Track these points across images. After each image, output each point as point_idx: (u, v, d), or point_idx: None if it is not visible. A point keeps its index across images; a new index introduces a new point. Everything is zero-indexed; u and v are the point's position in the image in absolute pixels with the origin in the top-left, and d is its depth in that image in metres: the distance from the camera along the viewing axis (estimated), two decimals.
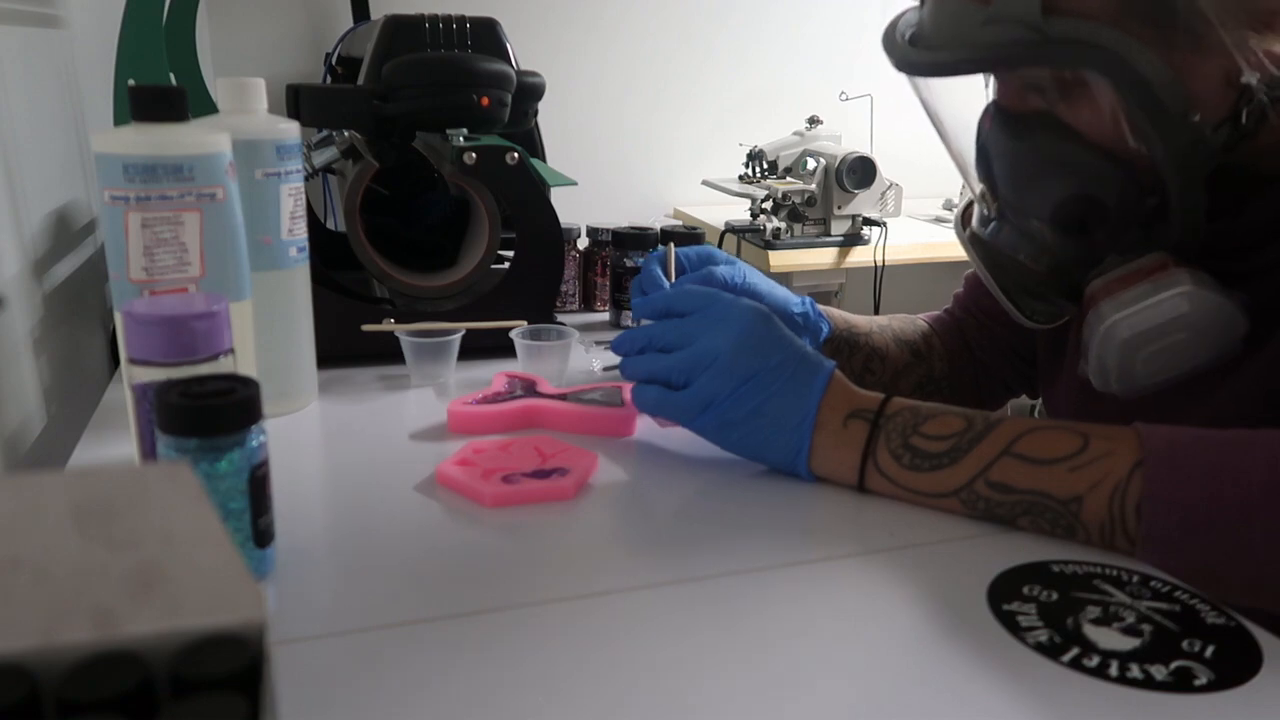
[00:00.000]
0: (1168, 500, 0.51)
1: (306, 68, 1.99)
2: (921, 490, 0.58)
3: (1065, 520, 0.54)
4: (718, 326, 0.63)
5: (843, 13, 2.29)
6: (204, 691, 0.27)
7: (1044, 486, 0.54)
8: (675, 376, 0.64)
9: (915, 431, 0.59)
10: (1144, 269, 0.60)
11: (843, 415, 0.60)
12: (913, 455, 0.58)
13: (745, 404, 0.61)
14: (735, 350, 0.61)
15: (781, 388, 0.61)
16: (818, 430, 0.61)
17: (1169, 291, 0.58)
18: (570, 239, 1.06)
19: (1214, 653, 0.45)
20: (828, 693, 0.42)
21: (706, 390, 0.62)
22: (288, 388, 0.76)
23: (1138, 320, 0.59)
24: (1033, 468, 0.55)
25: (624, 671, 0.44)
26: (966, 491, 0.57)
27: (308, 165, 0.93)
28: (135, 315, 0.51)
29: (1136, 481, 0.52)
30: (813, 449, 0.61)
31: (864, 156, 1.85)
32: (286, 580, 0.51)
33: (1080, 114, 0.59)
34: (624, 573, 0.52)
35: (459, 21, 0.92)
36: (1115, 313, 0.60)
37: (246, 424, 0.48)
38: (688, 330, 0.64)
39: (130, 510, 0.30)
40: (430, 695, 0.42)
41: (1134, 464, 0.52)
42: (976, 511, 0.57)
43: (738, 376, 0.61)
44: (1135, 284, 0.60)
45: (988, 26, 0.56)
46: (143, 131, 0.58)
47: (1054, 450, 0.55)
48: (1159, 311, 0.58)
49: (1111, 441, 0.54)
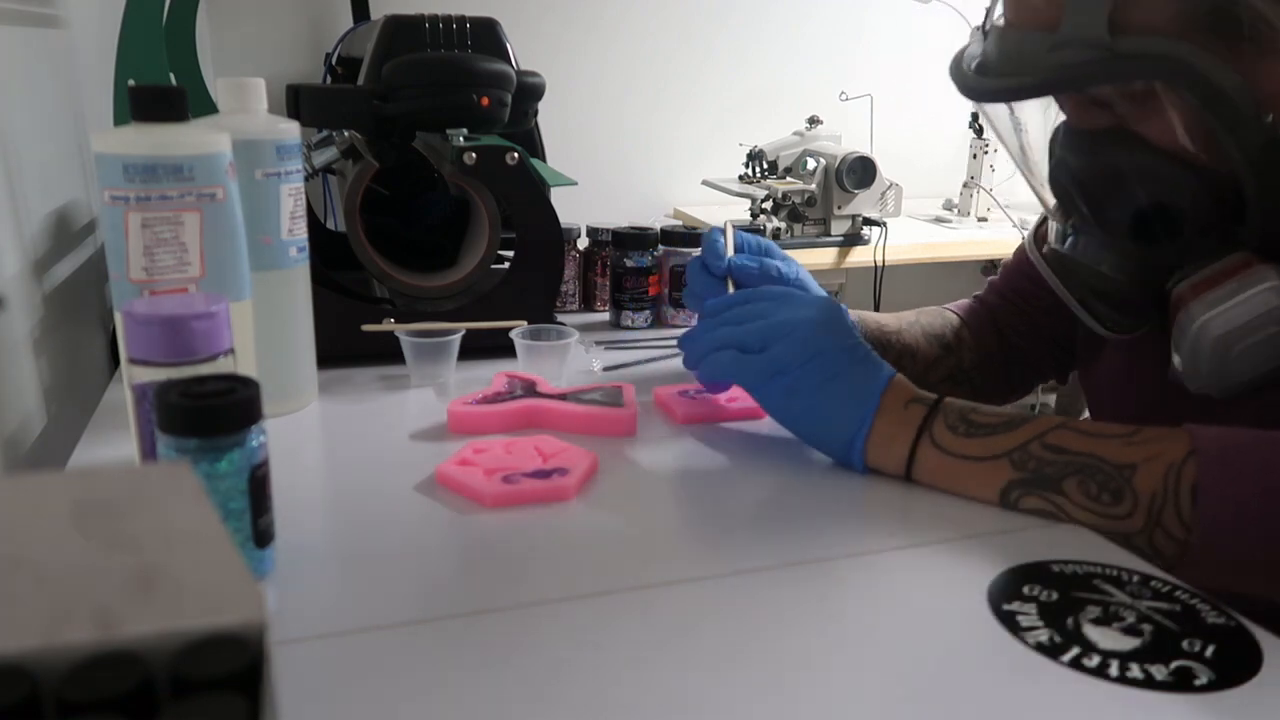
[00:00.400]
0: (1220, 495, 0.52)
1: (306, 68, 1.99)
2: (972, 455, 0.60)
3: (1115, 484, 0.55)
4: (795, 306, 0.66)
5: (843, 13, 2.29)
6: (204, 691, 0.27)
7: (1100, 452, 0.56)
8: (750, 341, 0.66)
9: (974, 410, 0.61)
10: (1228, 269, 0.61)
11: (904, 401, 0.63)
12: (969, 426, 0.61)
13: (815, 376, 0.63)
14: (814, 325, 0.64)
15: (851, 370, 0.64)
16: (879, 414, 0.62)
17: (1257, 287, 0.59)
18: (570, 239, 1.06)
19: (1214, 653, 0.45)
20: (828, 692, 0.42)
21: (782, 357, 0.64)
22: (288, 388, 0.76)
23: (1230, 317, 0.60)
24: (1089, 438, 0.57)
25: (624, 671, 0.43)
26: (1020, 452, 0.58)
27: (308, 165, 0.93)
28: (135, 315, 0.51)
29: (1191, 466, 0.53)
30: (871, 431, 0.62)
31: (864, 156, 1.85)
32: (286, 580, 0.51)
33: (1152, 126, 0.60)
34: (624, 573, 0.52)
35: (459, 21, 0.92)
36: (1206, 311, 0.60)
37: (246, 424, 0.48)
38: (764, 310, 0.67)
39: (130, 510, 0.30)
40: (430, 695, 0.42)
41: (1188, 451, 0.54)
42: (1025, 471, 0.58)
43: (813, 348, 0.63)
44: (1222, 284, 0.61)
45: (1056, 51, 0.57)
46: (143, 131, 0.58)
47: (1110, 430, 0.57)
48: (1250, 307, 0.59)
49: (1163, 431, 0.56)
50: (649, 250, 1.01)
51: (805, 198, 1.86)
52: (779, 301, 0.68)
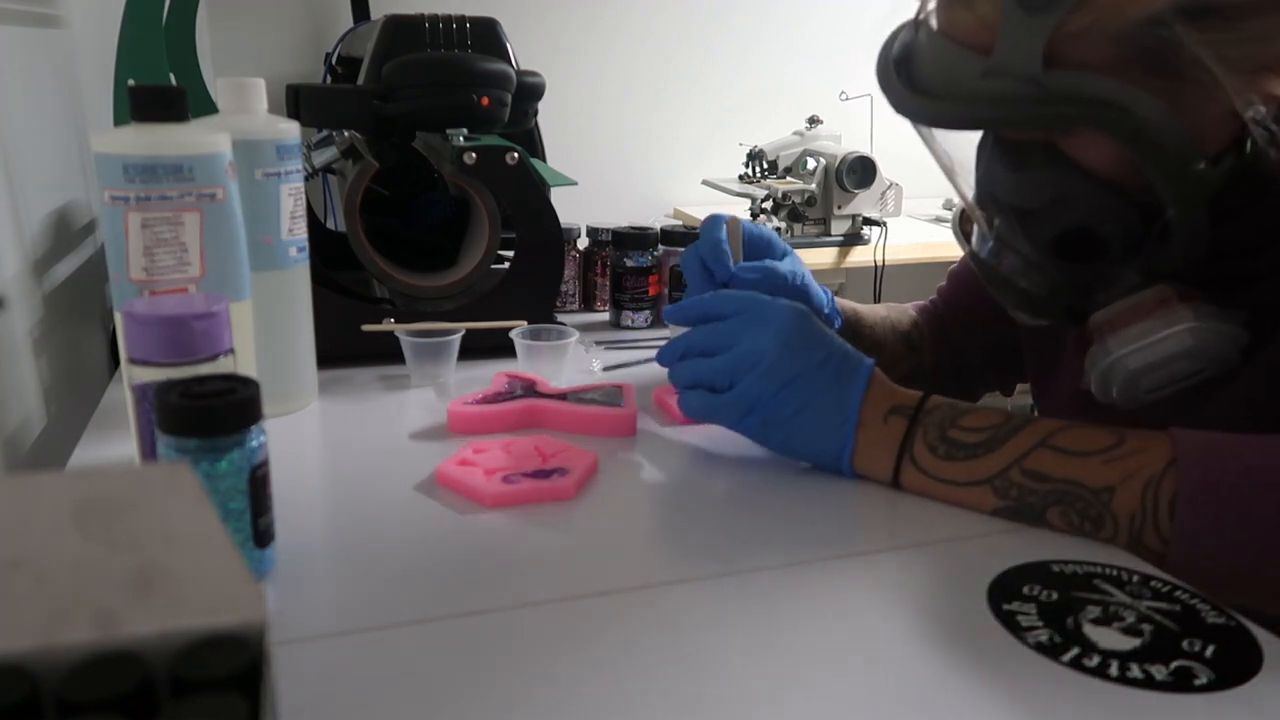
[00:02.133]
0: (1201, 500, 0.52)
1: (306, 68, 1.99)
2: (955, 480, 0.59)
3: (1095, 511, 0.55)
4: (758, 328, 0.63)
5: (843, 13, 2.29)
6: (204, 691, 0.27)
7: (1078, 476, 0.55)
8: (719, 379, 0.64)
9: (953, 424, 0.60)
10: (1146, 304, 0.60)
11: (883, 412, 0.61)
12: (949, 446, 0.59)
13: (789, 404, 0.62)
14: (779, 351, 0.62)
15: (825, 387, 0.62)
16: (860, 429, 0.61)
17: (1174, 328, 0.59)
18: (570, 239, 1.06)
19: (1214, 653, 0.45)
20: (828, 692, 0.42)
21: (751, 392, 0.62)
22: (288, 388, 0.76)
23: (1143, 355, 0.60)
24: (1068, 458, 0.56)
25: (624, 671, 0.43)
26: (1001, 479, 0.57)
27: (308, 165, 0.93)
28: (135, 315, 0.51)
29: (1170, 478, 0.53)
30: (855, 447, 0.62)
31: (864, 156, 1.85)
32: (286, 580, 0.51)
33: (1081, 151, 0.59)
34: (624, 573, 0.52)
35: (459, 21, 0.92)
36: (1121, 348, 0.61)
37: (246, 424, 0.48)
38: (728, 333, 0.64)
39: (130, 510, 0.30)
40: (430, 695, 0.42)
41: (1168, 461, 0.53)
42: (1008, 499, 0.57)
43: (781, 377, 0.62)
44: (1139, 320, 0.60)
45: (987, 79, 0.56)
46: (143, 131, 0.58)
47: (1089, 444, 0.56)
48: (1164, 347, 0.59)
49: (1146, 440, 0.55)
50: (649, 250, 1.01)
51: (805, 198, 1.86)
52: (743, 321, 0.64)
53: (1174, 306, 0.60)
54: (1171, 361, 0.59)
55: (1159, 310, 0.60)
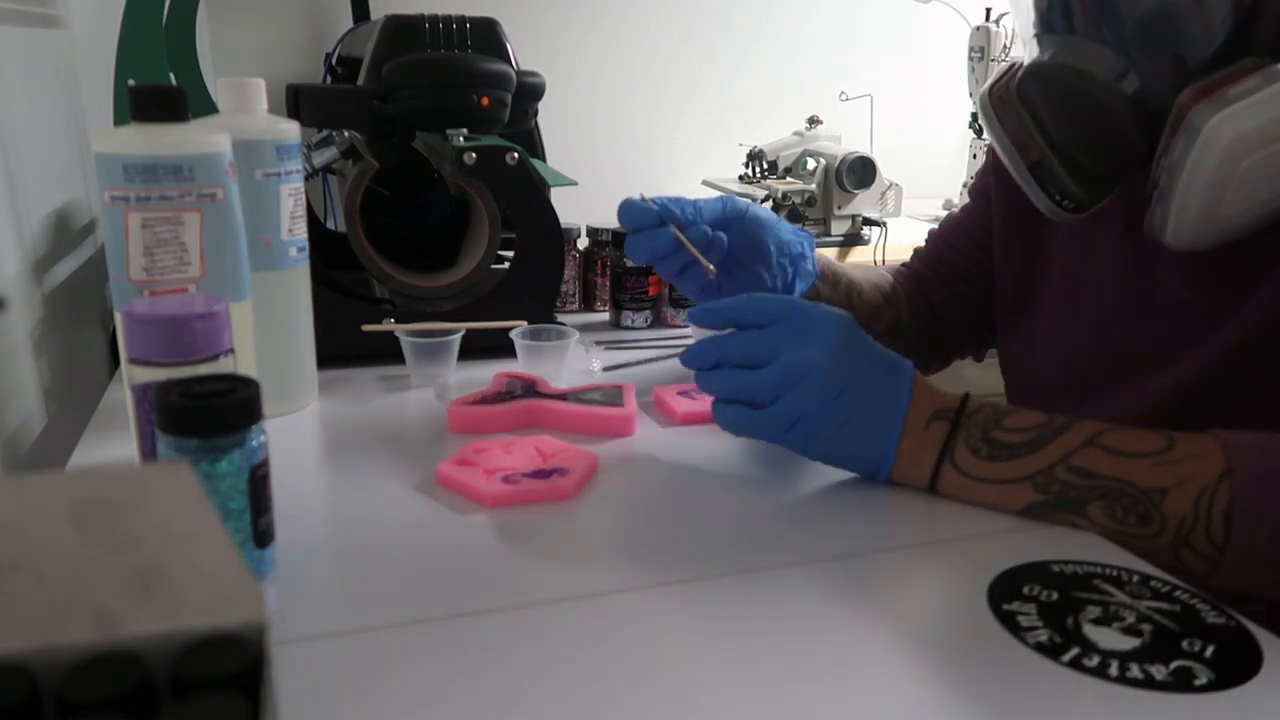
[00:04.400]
0: (1259, 514, 0.51)
1: (306, 68, 1.99)
2: (996, 479, 0.58)
3: (1144, 508, 0.54)
4: (801, 339, 0.60)
5: (843, 13, 2.29)
6: (204, 691, 0.27)
7: (1129, 476, 0.55)
8: (761, 396, 0.60)
9: (996, 425, 0.59)
10: (1242, 70, 0.55)
11: (925, 418, 0.60)
12: (992, 447, 0.58)
13: (836, 419, 0.60)
14: (828, 365, 0.59)
15: (870, 398, 0.60)
16: (903, 438, 0.60)
17: (1277, 84, 0.53)
18: (570, 239, 1.06)
19: (1214, 653, 0.45)
20: (828, 692, 0.42)
21: (796, 408, 0.59)
22: (288, 388, 0.76)
23: (1244, 118, 0.53)
24: (1118, 458, 0.55)
25: (624, 671, 0.44)
26: (1044, 475, 0.56)
27: (308, 165, 0.93)
28: (135, 315, 0.51)
29: (1225, 489, 0.52)
30: (895, 459, 0.61)
31: (864, 156, 1.85)
32: (286, 580, 0.51)
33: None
34: (624, 573, 0.52)
35: (459, 21, 0.92)
36: (1216, 112, 0.54)
37: (246, 424, 0.48)
38: (768, 344, 0.61)
39: (130, 510, 0.30)
40: (430, 695, 0.42)
41: (1222, 470, 0.53)
42: (1047, 494, 0.56)
43: (830, 393, 0.59)
44: (1236, 82, 0.54)
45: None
46: (143, 131, 0.58)
47: (1141, 445, 0.55)
48: (1267, 108, 0.53)
49: (1197, 444, 0.54)
50: None
51: (805, 198, 1.86)
52: (783, 331, 0.61)
53: (1273, 66, 0.54)
54: (1273, 136, 0.53)
55: (1253, 73, 0.54)
